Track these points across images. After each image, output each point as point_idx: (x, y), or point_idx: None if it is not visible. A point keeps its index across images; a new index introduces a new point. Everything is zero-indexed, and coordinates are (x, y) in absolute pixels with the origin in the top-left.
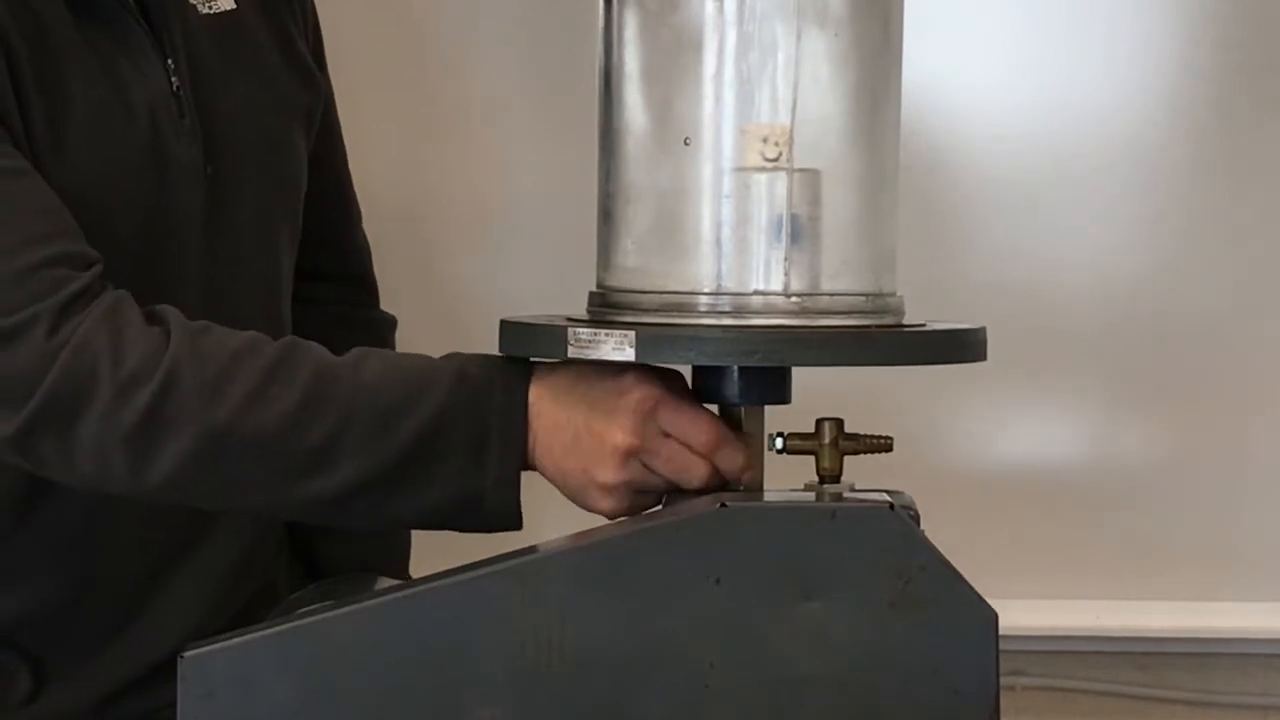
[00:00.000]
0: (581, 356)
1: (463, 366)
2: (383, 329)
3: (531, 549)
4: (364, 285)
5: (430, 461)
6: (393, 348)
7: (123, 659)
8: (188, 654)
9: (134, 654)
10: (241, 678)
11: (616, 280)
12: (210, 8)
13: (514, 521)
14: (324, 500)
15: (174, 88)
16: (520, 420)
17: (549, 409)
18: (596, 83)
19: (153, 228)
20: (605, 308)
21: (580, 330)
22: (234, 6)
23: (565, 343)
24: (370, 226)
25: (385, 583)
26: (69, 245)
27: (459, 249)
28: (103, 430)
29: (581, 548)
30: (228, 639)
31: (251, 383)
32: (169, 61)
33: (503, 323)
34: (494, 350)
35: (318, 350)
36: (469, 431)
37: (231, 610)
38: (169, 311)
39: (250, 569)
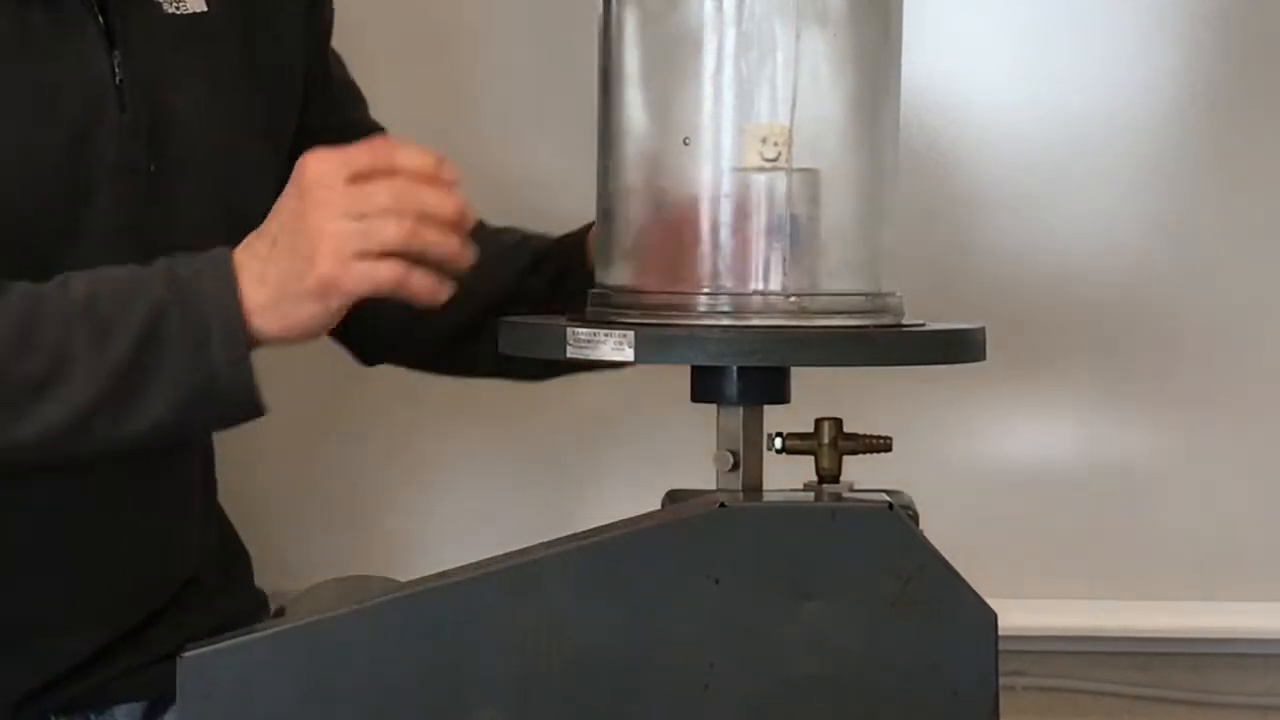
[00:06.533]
0: (581, 357)
1: (170, 266)
2: None
3: (531, 549)
4: None
5: (155, 361)
6: None
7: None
8: (187, 654)
9: (38, 662)
10: (241, 678)
11: (616, 280)
12: (176, 8)
13: (254, 402)
14: (61, 427)
15: (117, 80)
16: (232, 296)
17: (249, 261)
18: (596, 82)
19: (73, 217)
20: (605, 307)
21: (579, 330)
22: (204, 9)
23: (565, 343)
24: None
25: (386, 583)
26: None
27: None
28: None
29: (581, 548)
30: (228, 639)
31: None
32: (115, 53)
33: (501, 323)
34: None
35: (24, 284)
36: (187, 324)
37: (144, 611)
38: None
39: (166, 564)
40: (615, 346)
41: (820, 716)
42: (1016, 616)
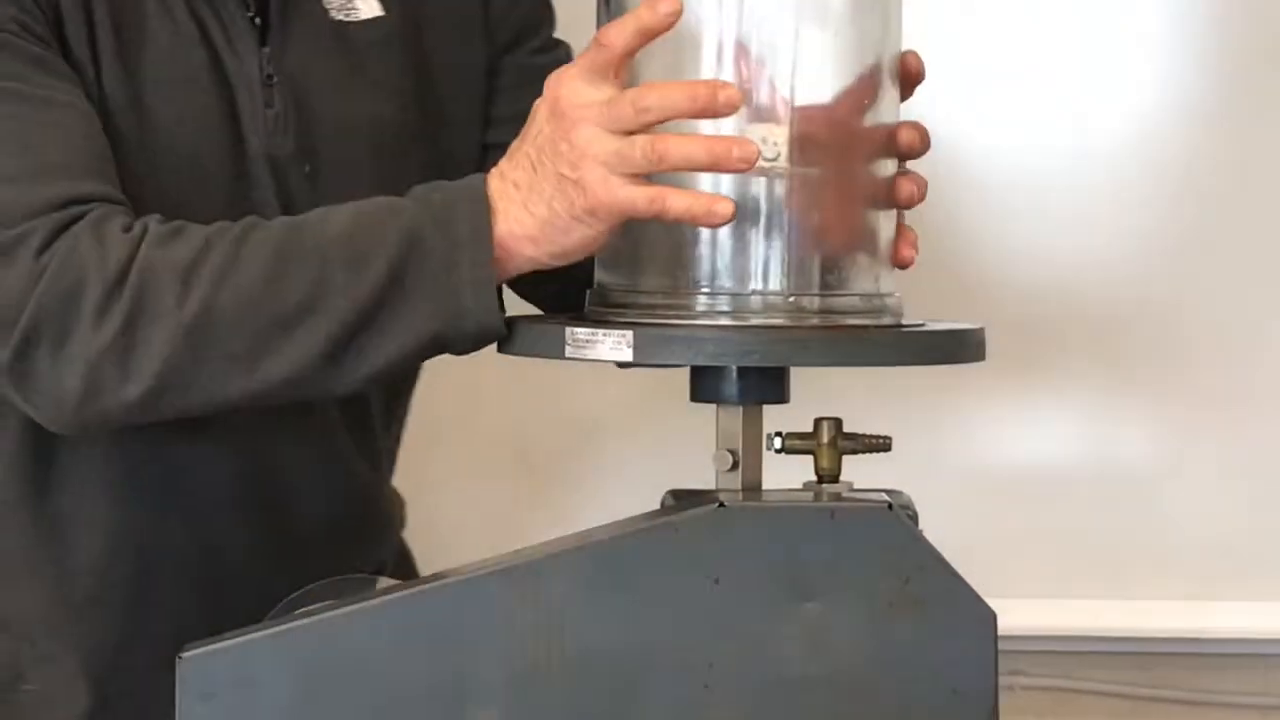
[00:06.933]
0: (579, 357)
1: (425, 192)
2: None
3: (531, 549)
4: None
5: (408, 286)
6: None
7: None
8: (187, 654)
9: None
10: (241, 678)
11: (615, 278)
12: (346, 15)
13: (496, 329)
14: (314, 356)
15: (264, 75)
16: (486, 223)
17: (509, 190)
18: None
19: (237, 206)
20: (603, 307)
21: (578, 330)
22: (379, 14)
23: (564, 343)
24: None
25: (385, 583)
26: (87, 185)
27: None
28: (92, 338)
29: (581, 548)
30: (228, 639)
31: (221, 258)
32: (265, 49)
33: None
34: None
35: (287, 217)
36: (440, 249)
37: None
38: (150, 218)
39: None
40: (614, 346)
41: (820, 716)
42: (1016, 616)
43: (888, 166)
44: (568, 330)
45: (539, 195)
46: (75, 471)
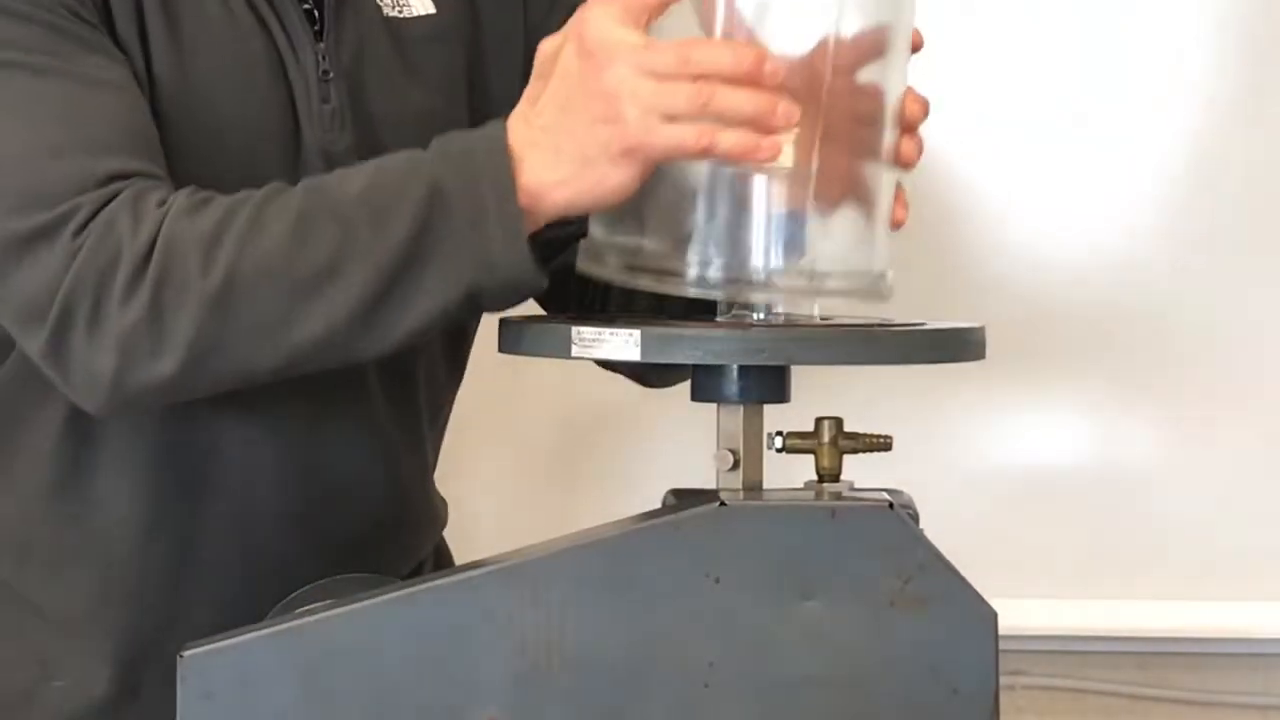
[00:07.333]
0: (586, 356)
1: (443, 144)
2: None
3: (531, 549)
4: None
5: (434, 242)
6: None
7: None
8: (186, 653)
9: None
10: (241, 678)
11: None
12: (400, 11)
13: (532, 279)
14: (345, 317)
15: (321, 72)
16: (508, 171)
17: (536, 135)
18: None
19: None
20: None
21: (584, 329)
22: (431, 12)
23: (569, 342)
24: None
25: (385, 583)
26: (130, 161)
27: None
28: (122, 315)
29: (581, 547)
30: (227, 638)
31: (243, 225)
32: (321, 44)
33: (502, 321)
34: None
35: (307, 180)
36: (462, 198)
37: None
38: (181, 191)
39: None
40: (622, 345)
41: (820, 715)
42: (1016, 616)
43: (889, 165)
44: (573, 329)
45: (570, 137)
46: (113, 462)
